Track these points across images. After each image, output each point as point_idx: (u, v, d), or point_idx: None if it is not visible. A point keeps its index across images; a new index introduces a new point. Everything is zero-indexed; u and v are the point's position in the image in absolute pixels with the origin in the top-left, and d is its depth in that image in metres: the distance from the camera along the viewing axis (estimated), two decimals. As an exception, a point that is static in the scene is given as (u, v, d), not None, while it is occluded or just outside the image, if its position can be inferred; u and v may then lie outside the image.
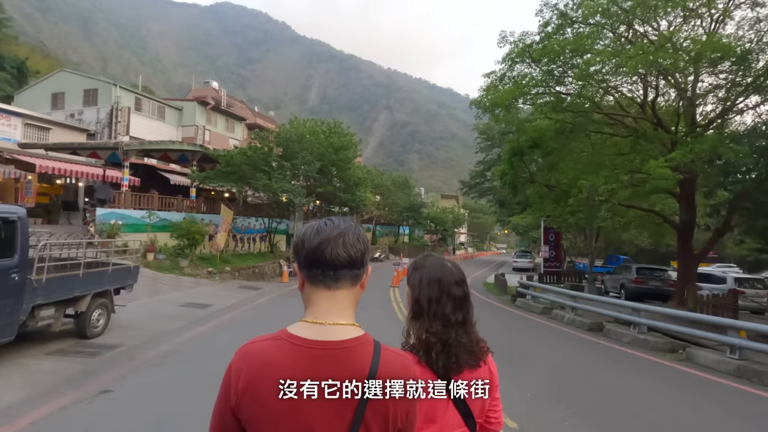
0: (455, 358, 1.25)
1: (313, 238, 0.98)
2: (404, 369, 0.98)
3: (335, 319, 0.97)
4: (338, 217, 1.04)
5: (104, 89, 26.94)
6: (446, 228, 55.86)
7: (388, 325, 8.96)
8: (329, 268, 0.97)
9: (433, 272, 1.35)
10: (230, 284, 13.65)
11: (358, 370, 0.92)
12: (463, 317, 1.32)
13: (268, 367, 0.90)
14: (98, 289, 6.20)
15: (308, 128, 21.58)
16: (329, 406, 0.90)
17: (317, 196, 21.88)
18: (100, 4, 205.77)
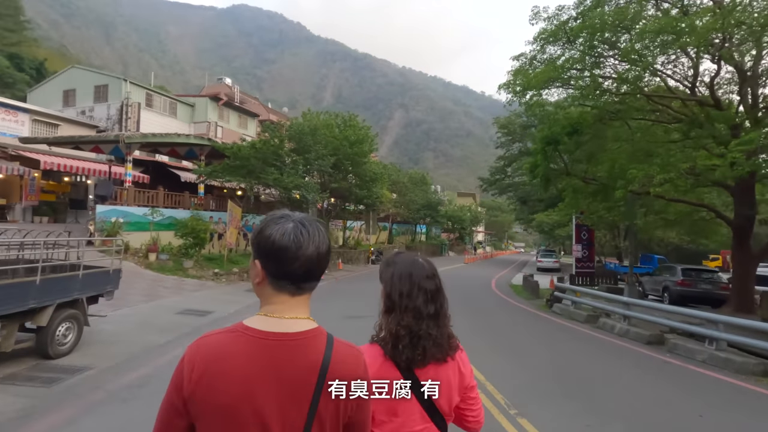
0: (421, 350, 1.26)
1: (288, 251, 0.95)
2: (354, 359, 1.01)
3: (292, 314, 0.98)
4: (305, 218, 1.01)
5: (114, 85, 26.32)
6: (464, 226, 54.26)
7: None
8: (299, 281, 0.98)
9: (404, 268, 1.37)
10: (237, 287, 12.56)
11: (312, 361, 0.94)
12: (436, 310, 1.34)
13: (222, 358, 0.90)
14: (64, 299, 5.09)
15: (322, 121, 20.43)
16: (283, 396, 0.90)
17: (331, 193, 20.70)
18: (121, 9, 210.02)
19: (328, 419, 0.94)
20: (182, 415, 0.91)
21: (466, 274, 23.67)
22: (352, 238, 30.02)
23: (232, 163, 15.34)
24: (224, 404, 0.87)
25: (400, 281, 1.35)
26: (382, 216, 34.29)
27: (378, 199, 24.90)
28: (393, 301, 1.34)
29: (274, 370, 0.90)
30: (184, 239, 13.42)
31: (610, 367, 6.77)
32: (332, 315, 9.50)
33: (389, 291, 1.36)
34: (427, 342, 1.28)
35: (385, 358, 1.28)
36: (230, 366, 0.89)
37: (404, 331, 1.28)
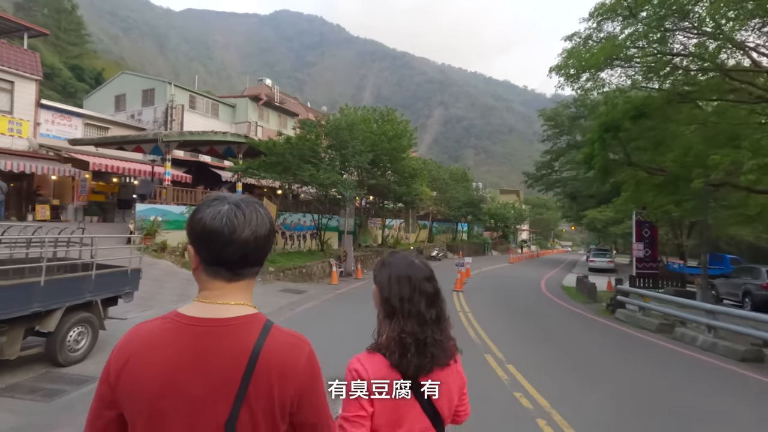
0: (430, 357, 1.23)
1: (218, 234, 0.88)
2: (294, 348, 0.93)
3: (226, 299, 0.92)
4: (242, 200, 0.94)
5: (160, 88, 27.12)
6: (508, 224, 52.16)
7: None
8: (234, 267, 0.92)
9: (402, 270, 1.31)
10: (272, 287, 12.16)
11: (241, 348, 0.88)
12: (437, 314, 1.30)
13: (148, 346, 0.87)
14: (75, 301, 4.69)
15: (359, 116, 19.85)
16: (209, 385, 0.85)
17: (369, 190, 20.07)
18: (173, 22, 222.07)
19: (260, 412, 0.87)
20: (110, 406, 0.89)
21: (513, 275, 22.30)
22: (391, 237, 29.32)
23: (268, 159, 15.03)
24: (147, 393, 0.85)
25: (399, 285, 1.29)
26: (421, 214, 33.34)
27: (417, 196, 24.05)
28: (393, 306, 1.28)
29: (201, 357, 0.86)
30: (220, 238, 13.23)
31: (709, 395, 5.54)
32: (367, 319, 8.77)
33: (388, 295, 1.30)
34: (434, 348, 1.24)
35: (389, 368, 1.22)
36: (155, 354, 0.86)
37: (410, 338, 1.22)
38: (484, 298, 12.97)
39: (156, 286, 9.81)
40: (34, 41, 49.86)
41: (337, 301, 10.94)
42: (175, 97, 26.38)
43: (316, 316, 9.09)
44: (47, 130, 20.08)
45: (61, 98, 34.94)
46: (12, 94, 18.46)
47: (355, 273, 17.07)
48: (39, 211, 17.62)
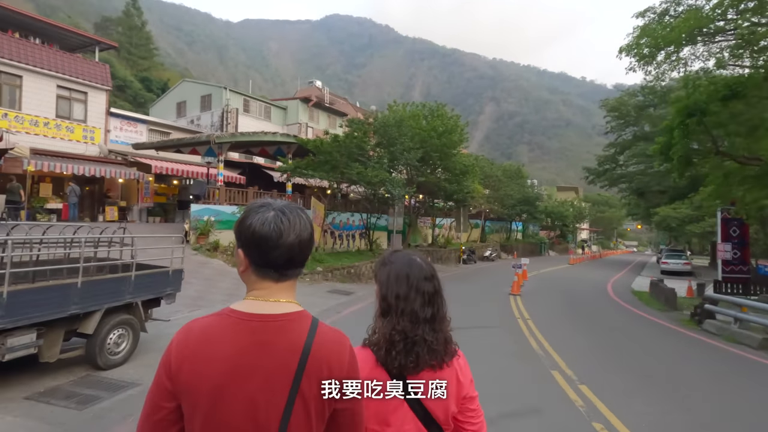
0: (414, 357, 1.21)
1: (267, 239, 0.97)
2: (339, 344, 1.01)
3: (276, 297, 1.00)
4: (286, 206, 1.02)
5: (216, 94, 28.22)
6: (566, 223, 49.25)
7: (520, 361, 6.07)
8: (281, 269, 1.00)
9: (401, 268, 1.31)
10: (320, 287, 11.93)
11: (295, 342, 0.95)
12: (433, 314, 1.29)
13: (206, 341, 0.93)
14: (114, 303, 4.56)
15: (408, 113, 19.29)
16: (265, 376, 0.92)
17: (419, 188, 19.45)
18: (232, 32, 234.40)
19: (312, 401, 0.94)
20: (170, 398, 0.93)
21: (574, 277, 20.72)
22: (442, 237, 28.48)
23: (317, 158, 14.90)
24: (207, 385, 0.89)
25: (397, 283, 1.29)
26: (473, 213, 32.15)
27: (469, 194, 23.07)
28: (389, 303, 1.28)
29: (257, 350, 0.92)
30: (269, 237, 13.26)
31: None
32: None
33: (385, 293, 1.30)
34: (421, 348, 1.23)
35: (376, 363, 1.23)
36: (214, 348, 0.91)
37: (399, 336, 1.22)
38: (545, 303, 11.94)
39: (208, 285, 9.87)
40: (108, 56, 54.10)
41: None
42: (230, 101, 27.32)
43: (363, 319, 8.63)
44: (116, 136, 21.41)
45: (132, 108, 37.52)
46: (86, 104, 19.84)
47: (404, 274, 16.58)
48: (108, 213, 18.80)
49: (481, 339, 7.27)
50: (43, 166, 15.94)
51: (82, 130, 19.53)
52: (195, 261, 11.74)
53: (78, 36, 20.79)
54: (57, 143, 18.45)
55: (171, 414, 0.93)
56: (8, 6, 19.42)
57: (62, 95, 18.98)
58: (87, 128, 19.67)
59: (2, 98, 17.41)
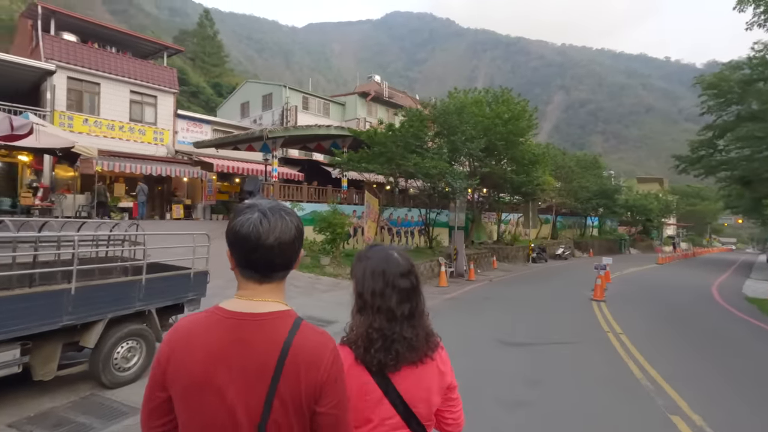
0: (394, 354, 1.22)
1: (246, 240, 0.99)
2: (320, 345, 1.01)
3: (260, 297, 1.03)
4: (272, 207, 1.04)
5: (277, 92, 28.56)
6: (650, 218, 44.18)
7: (621, 397, 4.66)
8: (262, 270, 1.02)
9: (377, 264, 1.30)
10: (374, 288, 11.06)
11: (274, 340, 0.97)
12: (410, 310, 1.28)
13: (191, 335, 0.99)
14: (121, 311, 3.93)
15: (470, 99, 17.83)
16: (246, 373, 0.95)
17: (483, 181, 17.88)
18: (297, 37, 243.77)
19: (290, 400, 0.96)
20: (162, 389, 0.99)
21: (667, 279, 17.97)
22: (508, 233, 26.49)
23: (371, 151, 14.04)
24: (191, 378, 0.95)
25: (373, 279, 1.28)
26: (543, 207, 29.63)
27: (539, 186, 21.04)
28: (365, 300, 1.28)
29: (236, 347, 0.96)
30: (321, 234, 12.61)
31: None
32: (481, 337, 6.97)
33: (361, 289, 1.30)
34: (400, 345, 1.23)
35: (355, 361, 1.23)
36: (197, 343, 0.97)
37: (377, 334, 1.23)
38: (637, 311, 10.04)
39: (254, 285, 9.36)
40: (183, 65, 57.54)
41: (443, 310, 9.28)
42: (289, 99, 27.50)
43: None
44: (183, 137, 22.22)
45: (204, 111, 39.50)
46: (156, 107, 20.74)
47: (467, 274, 15.21)
48: (175, 211, 19.47)
49: (562, 360, 5.90)
50: (111, 166, 16.73)
51: (153, 132, 20.44)
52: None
53: (148, 43, 21.82)
54: (131, 145, 19.43)
55: (164, 403, 1.00)
56: (89, 19, 20.80)
57: (135, 100, 19.96)
58: (157, 130, 20.55)
59: (84, 105, 18.61)
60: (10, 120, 5.37)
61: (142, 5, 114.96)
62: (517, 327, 7.86)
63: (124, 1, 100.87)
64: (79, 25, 19.28)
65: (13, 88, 18.03)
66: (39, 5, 18.11)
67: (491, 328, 7.67)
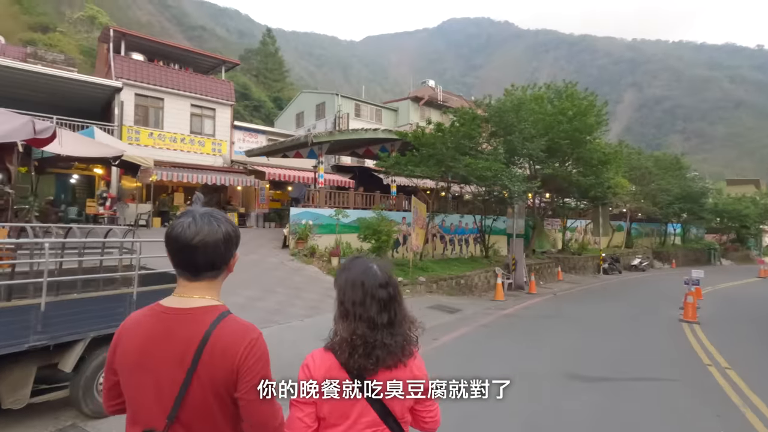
0: (374, 360, 1.30)
1: (175, 241, 1.14)
2: (239, 336, 1.13)
3: (191, 293, 1.17)
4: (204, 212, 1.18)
5: (329, 101, 28.71)
6: (746, 224, 38.74)
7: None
8: (189, 270, 1.17)
9: (357, 275, 1.38)
10: (420, 301, 10.10)
11: (197, 331, 1.12)
12: (390, 319, 1.35)
13: (134, 327, 1.17)
14: (105, 330, 3.41)
15: (529, 96, 16.43)
16: (170, 359, 1.10)
17: (544, 184, 16.29)
18: (354, 51, 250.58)
19: (208, 384, 1.09)
20: (113, 372, 1.19)
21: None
22: (575, 242, 24.22)
23: (420, 154, 13.17)
24: (130, 361, 1.13)
25: (353, 290, 1.37)
26: (615, 212, 26.90)
27: (610, 189, 18.90)
28: (347, 309, 1.36)
29: (163, 337, 1.12)
30: (367, 242, 11.93)
31: None
32: (542, 367, 5.79)
33: (342, 298, 1.38)
34: (380, 351, 1.31)
35: (338, 366, 1.31)
36: (138, 333, 1.14)
37: (360, 340, 1.31)
38: (743, 338, 8.20)
39: (292, 296, 8.85)
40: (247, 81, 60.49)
41: (498, 329, 8.13)
42: (341, 107, 27.49)
43: (463, 352, 6.52)
44: (239, 147, 22.82)
45: (264, 123, 41.09)
46: (214, 119, 21.48)
47: (527, 286, 13.77)
48: (229, 219, 19.91)
49: (652, 405, 4.59)
50: (170, 176, 17.37)
51: (211, 143, 21.15)
52: (289, 268, 10.99)
53: (207, 58, 22.77)
54: (191, 157, 20.20)
55: (117, 385, 1.18)
56: (155, 39, 22.12)
57: (195, 113, 20.78)
58: (215, 141, 21.24)
59: (149, 119, 19.66)
60: (33, 123, 5.19)
61: (215, 30, 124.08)
62: (588, 355, 6.56)
63: (198, 28, 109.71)
64: (146, 45, 20.51)
65: (89, 106, 19.50)
66: (111, 29, 19.50)
67: (556, 355, 6.44)
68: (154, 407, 1.09)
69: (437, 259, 15.49)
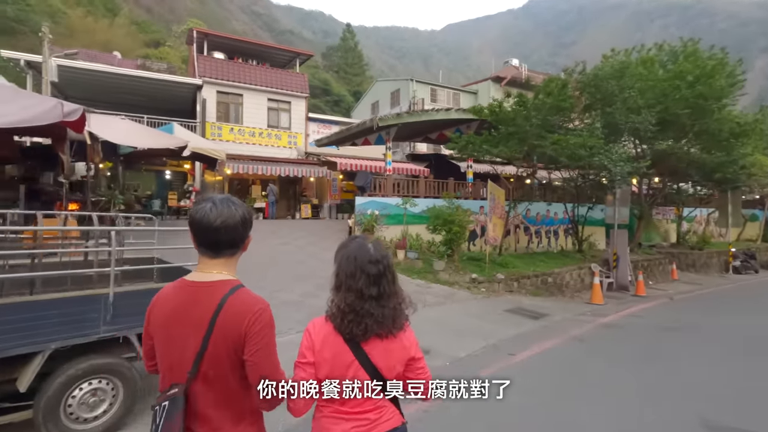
0: (363, 327, 1.48)
1: (199, 223, 1.35)
2: (246, 306, 1.33)
3: (211, 269, 1.38)
4: (222, 198, 1.39)
5: (404, 87, 27.69)
6: None
7: None
8: (211, 248, 1.37)
9: (352, 251, 1.57)
10: (497, 303, 8.63)
11: (213, 302, 1.32)
12: (379, 292, 1.51)
13: (163, 298, 1.39)
14: (73, 339, 2.75)
15: (635, 60, 13.77)
16: (190, 326, 1.32)
17: (654, 163, 13.54)
18: (434, 40, 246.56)
19: (221, 344, 1.30)
20: (149, 336, 1.41)
21: None
22: (693, 234, 20.36)
23: (498, 133, 11.51)
24: (158, 329, 1.36)
25: (347, 263, 1.54)
26: (749, 198, 22.17)
27: (744, 170, 15.27)
28: (340, 280, 1.54)
29: (188, 306, 1.32)
30: (437, 233, 10.70)
31: None
32: (665, 407, 4.15)
33: (338, 270, 1.56)
34: (368, 320, 1.48)
35: (333, 330, 1.50)
36: (165, 303, 1.36)
37: (348, 308, 1.48)
38: None
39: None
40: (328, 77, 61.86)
41: (597, 343, 6.43)
42: (416, 92, 26.31)
43: (548, 380, 5.00)
44: (313, 139, 22.86)
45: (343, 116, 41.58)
46: (290, 112, 21.68)
47: (633, 287, 11.49)
48: (303, 210, 19.92)
49: None
50: (246, 168, 17.71)
51: (287, 136, 21.37)
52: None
53: (282, 51, 23.03)
54: (268, 150, 20.58)
55: (152, 349, 1.41)
56: (234, 36, 22.91)
57: (272, 107, 21.12)
58: (291, 134, 21.43)
59: (230, 115, 20.36)
60: (62, 106, 4.92)
61: (302, 33, 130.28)
62: (733, 392, 4.71)
63: (287, 32, 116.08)
64: (227, 44, 21.25)
65: (179, 106, 20.79)
66: (195, 30, 20.48)
67: (684, 388, 4.70)
68: (179, 365, 1.32)
69: (520, 254, 13.71)
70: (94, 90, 19.16)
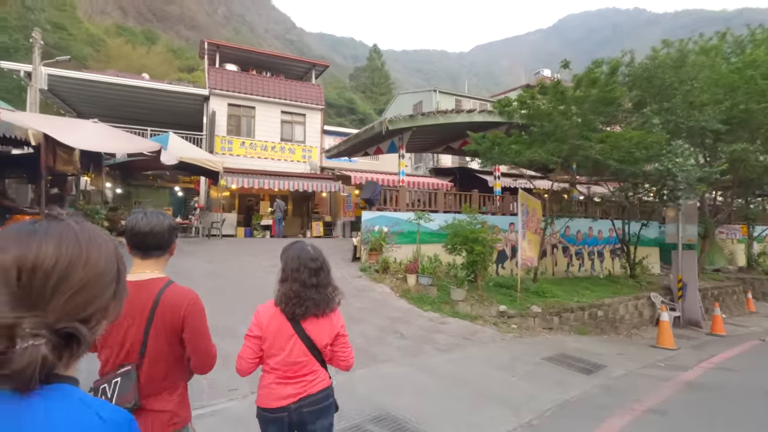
0: (304, 308, 1.95)
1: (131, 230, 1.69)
2: (181, 297, 1.66)
3: (144, 269, 1.69)
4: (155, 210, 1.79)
5: (426, 99, 26.25)
6: None
7: None
8: (141, 249, 1.69)
9: (295, 252, 2.06)
10: (532, 347, 6.54)
11: (151, 295, 1.62)
12: (318, 282, 2.00)
13: None
14: None
15: (693, 50, 11.67)
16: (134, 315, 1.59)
17: (727, 169, 11.16)
18: (463, 62, 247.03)
19: (161, 329, 1.61)
20: None
21: None
22: (766, 255, 17.37)
23: (531, 132, 9.59)
24: None
25: (292, 261, 2.02)
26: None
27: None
28: (287, 274, 2.00)
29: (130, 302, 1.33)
30: (456, 254, 8.78)
31: None
32: None
33: (284, 267, 2.03)
34: (308, 303, 1.95)
35: (278, 311, 1.96)
36: None
37: (293, 294, 1.94)
38: None
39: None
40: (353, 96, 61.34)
41: (688, 422, 4.32)
42: (439, 103, 24.71)
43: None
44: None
45: (365, 135, 40.53)
46: (304, 125, 20.48)
47: (706, 323, 9.11)
48: (314, 228, 18.39)
49: None
50: (247, 183, 16.42)
51: (302, 150, 20.13)
52: (353, 287, 8.44)
53: (298, 63, 22.05)
54: (281, 164, 19.35)
55: None
56: (246, 47, 22.15)
57: (285, 120, 19.99)
58: (305, 147, 20.18)
59: (241, 128, 19.32)
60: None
61: (333, 59, 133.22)
62: None
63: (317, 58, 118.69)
64: (240, 56, 20.46)
65: (189, 120, 20.00)
66: (206, 42, 19.81)
67: None
68: (127, 349, 1.59)
69: (559, 278, 11.51)
70: (105, 105, 18.67)
